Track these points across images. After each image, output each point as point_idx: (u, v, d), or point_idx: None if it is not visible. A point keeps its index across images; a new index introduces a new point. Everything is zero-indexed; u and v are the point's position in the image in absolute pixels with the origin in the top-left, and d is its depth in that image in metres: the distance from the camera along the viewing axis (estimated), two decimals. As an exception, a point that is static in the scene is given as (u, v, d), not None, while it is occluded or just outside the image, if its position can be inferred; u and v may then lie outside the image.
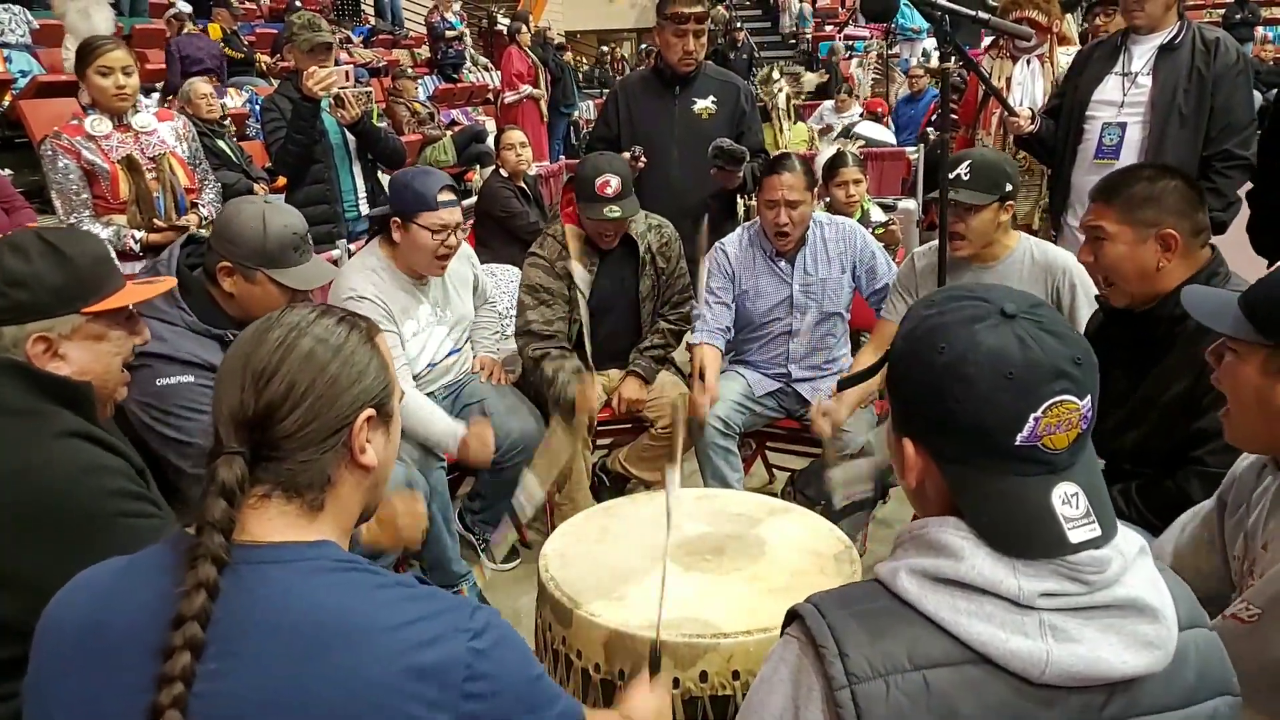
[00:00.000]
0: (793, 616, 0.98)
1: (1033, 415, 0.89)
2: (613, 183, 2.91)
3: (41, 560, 1.31)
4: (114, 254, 2.89)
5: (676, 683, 1.57)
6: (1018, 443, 0.90)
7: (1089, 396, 0.92)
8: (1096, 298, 2.11)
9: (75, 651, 0.95)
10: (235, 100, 7.84)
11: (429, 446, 2.71)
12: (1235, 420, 1.40)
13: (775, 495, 2.77)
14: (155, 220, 3.30)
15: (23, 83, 6.75)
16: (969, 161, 2.55)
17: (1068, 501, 0.91)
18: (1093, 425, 0.94)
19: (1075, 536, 0.90)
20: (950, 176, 2.51)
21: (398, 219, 2.71)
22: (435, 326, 2.88)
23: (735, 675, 1.57)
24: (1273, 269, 1.36)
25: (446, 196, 2.69)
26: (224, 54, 7.88)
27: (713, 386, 2.95)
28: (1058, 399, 0.90)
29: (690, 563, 1.85)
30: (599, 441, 3.24)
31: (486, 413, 2.90)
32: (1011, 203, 2.62)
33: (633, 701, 1.39)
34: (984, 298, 0.95)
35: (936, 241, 2.74)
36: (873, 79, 11.65)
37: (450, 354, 2.95)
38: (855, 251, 3.06)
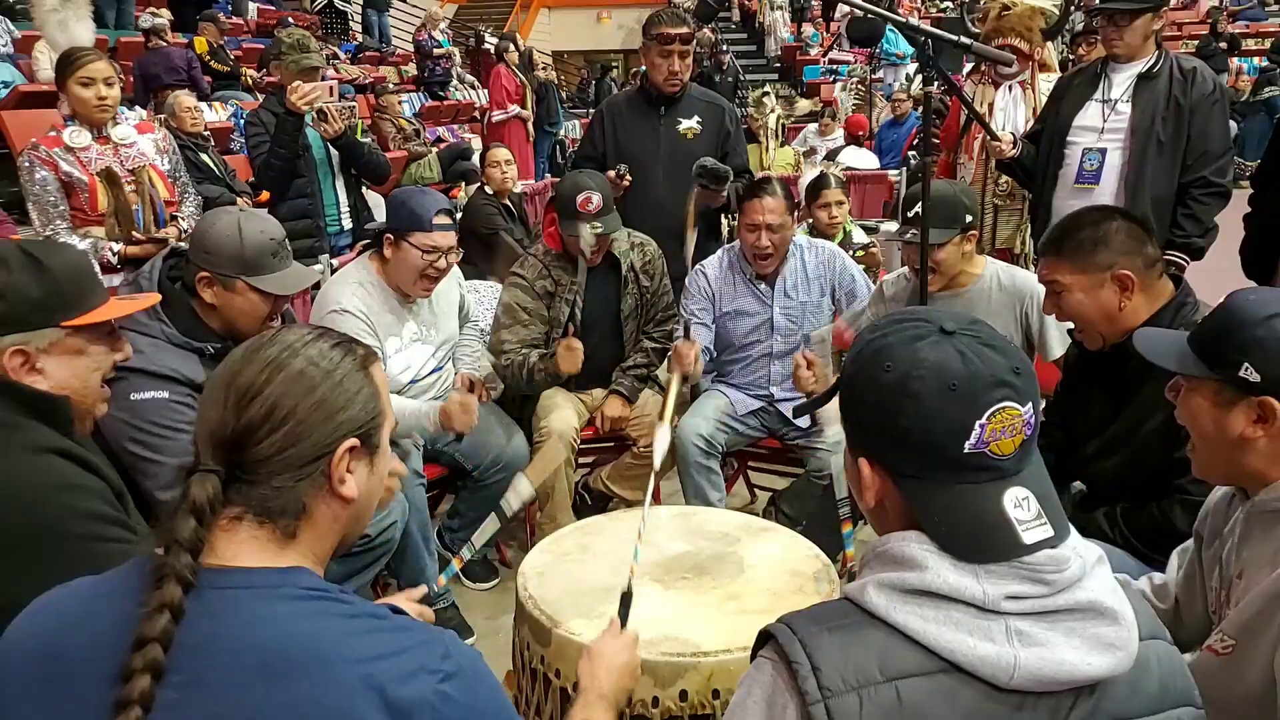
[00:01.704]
0: (765, 638, 0.99)
1: (978, 423, 0.94)
2: (594, 199, 2.91)
3: (7, 576, 1.28)
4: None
5: (656, 701, 1.56)
6: (966, 450, 0.94)
7: (1030, 404, 0.96)
8: (1070, 332, 2.13)
9: (33, 675, 0.92)
10: (220, 114, 7.81)
11: (408, 436, 2.68)
12: (1199, 453, 1.43)
13: (757, 515, 2.77)
14: (134, 233, 3.27)
15: (3, 93, 6.71)
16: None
17: (1019, 505, 0.95)
18: (1038, 432, 0.98)
19: (1029, 537, 0.94)
20: (909, 216, 2.54)
21: (390, 235, 2.71)
22: (419, 345, 2.86)
23: (716, 694, 1.55)
24: (1217, 305, 1.38)
25: (442, 220, 2.69)
26: (188, 65, 7.81)
27: (695, 344, 2.90)
28: (1000, 406, 0.94)
29: (669, 581, 1.84)
30: (581, 460, 3.22)
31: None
32: (973, 232, 2.66)
33: (599, 656, 1.37)
34: (925, 318, 1.01)
35: (904, 270, 2.77)
36: (854, 104, 11.76)
37: (432, 371, 2.94)
38: (835, 274, 3.07)
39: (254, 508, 0.97)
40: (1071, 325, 2.09)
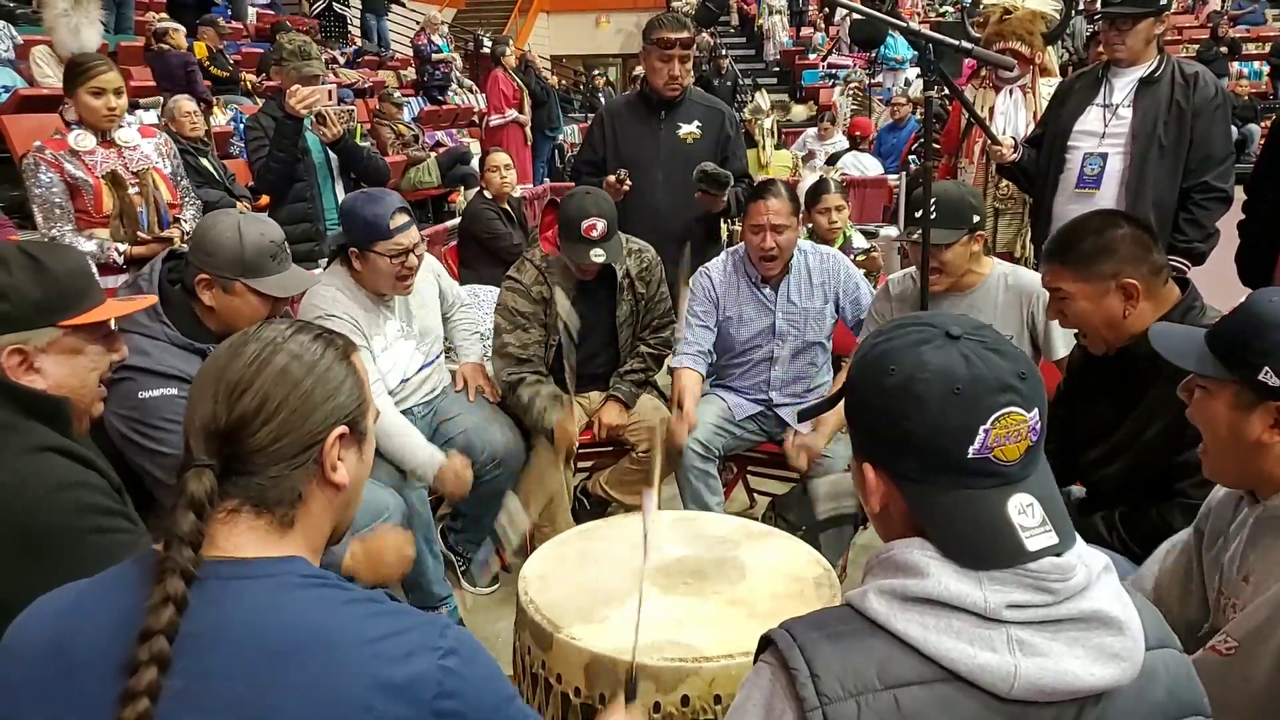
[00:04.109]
0: (766, 643, 0.99)
1: (982, 428, 0.93)
2: (599, 226, 2.88)
3: (11, 576, 1.28)
4: (95, 267, 2.87)
5: (658, 707, 1.56)
6: (970, 455, 0.93)
7: (1036, 410, 0.95)
8: (1075, 335, 2.12)
9: (37, 673, 0.93)
10: (219, 119, 7.81)
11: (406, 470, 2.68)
12: (1211, 455, 1.41)
13: (756, 520, 2.76)
14: (139, 234, 3.28)
15: (4, 97, 6.71)
16: (934, 200, 2.54)
17: (1023, 512, 0.94)
18: (1044, 438, 0.97)
19: (1033, 544, 0.93)
20: (917, 216, 2.53)
21: (355, 249, 2.68)
22: (403, 341, 2.87)
23: (717, 699, 1.55)
24: (1237, 305, 1.37)
25: (400, 220, 2.65)
26: (185, 69, 7.83)
27: (691, 414, 2.94)
28: (1005, 410, 0.93)
29: (670, 586, 1.84)
30: (580, 465, 3.22)
31: (464, 430, 2.88)
32: (981, 233, 2.65)
33: None
34: (929, 323, 1.00)
35: (911, 269, 2.76)
36: (853, 109, 11.77)
37: (422, 368, 2.93)
38: (839, 282, 3.06)
39: (251, 499, 0.98)
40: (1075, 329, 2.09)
